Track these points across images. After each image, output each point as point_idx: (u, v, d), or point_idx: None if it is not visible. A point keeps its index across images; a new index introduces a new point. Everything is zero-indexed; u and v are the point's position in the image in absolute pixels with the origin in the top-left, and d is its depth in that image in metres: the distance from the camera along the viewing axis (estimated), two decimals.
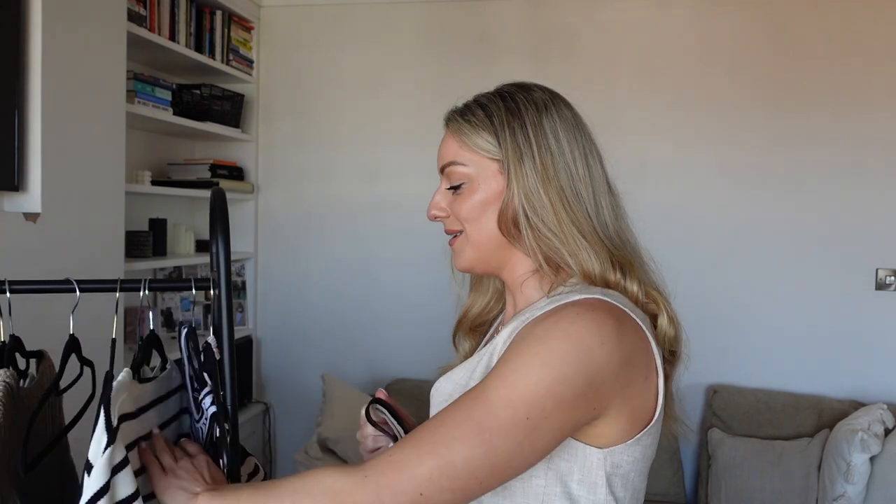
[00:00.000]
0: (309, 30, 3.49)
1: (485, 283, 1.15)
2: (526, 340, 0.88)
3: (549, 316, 0.90)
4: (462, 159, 1.01)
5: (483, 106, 1.02)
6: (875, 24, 3.04)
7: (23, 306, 1.03)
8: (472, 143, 1.00)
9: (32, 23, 1.96)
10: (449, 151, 1.03)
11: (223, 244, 0.98)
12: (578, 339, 0.85)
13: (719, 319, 3.16)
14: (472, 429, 0.83)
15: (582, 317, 0.87)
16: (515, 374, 0.85)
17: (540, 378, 0.84)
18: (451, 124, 1.04)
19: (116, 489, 0.84)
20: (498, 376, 0.86)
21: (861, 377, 3.07)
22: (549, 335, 0.86)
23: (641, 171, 3.20)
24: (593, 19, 3.24)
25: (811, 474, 2.79)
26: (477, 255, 1.03)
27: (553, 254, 0.97)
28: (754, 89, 3.14)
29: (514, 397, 0.83)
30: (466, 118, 1.02)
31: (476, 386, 0.88)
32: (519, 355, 0.87)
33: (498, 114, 1.00)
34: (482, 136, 1.00)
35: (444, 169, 1.03)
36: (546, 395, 0.83)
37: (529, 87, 1.04)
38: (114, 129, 2.37)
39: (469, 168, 1.01)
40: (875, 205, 3.06)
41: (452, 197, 1.03)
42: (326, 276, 3.50)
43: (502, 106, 1.01)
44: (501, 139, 0.99)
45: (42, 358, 1.06)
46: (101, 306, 1.02)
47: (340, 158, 3.47)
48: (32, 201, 2.00)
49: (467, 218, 1.01)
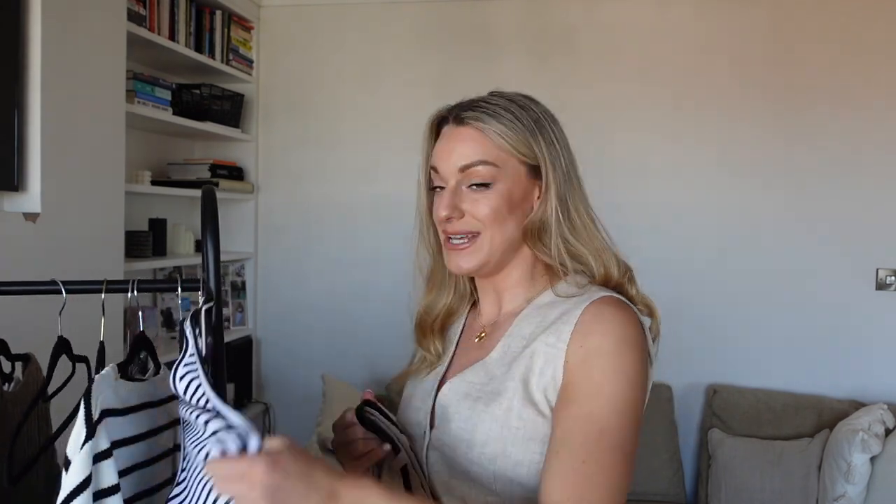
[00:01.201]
0: (309, 30, 3.49)
1: (446, 280, 1.12)
2: (603, 358, 0.92)
3: (601, 325, 0.94)
4: (492, 158, 0.99)
5: (506, 108, 1.01)
6: (875, 24, 3.04)
7: (12, 308, 1.02)
8: (509, 143, 0.99)
9: (32, 23, 1.96)
10: (476, 149, 0.99)
11: (212, 245, 0.96)
12: (636, 343, 0.94)
13: (719, 319, 3.16)
14: (622, 458, 0.89)
15: (627, 321, 0.95)
16: (620, 393, 0.91)
17: (630, 386, 0.92)
18: (474, 122, 1.00)
19: (99, 478, 0.82)
20: (607, 404, 0.90)
21: (861, 377, 3.07)
22: (619, 349, 0.93)
23: (641, 170, 3.20)
24: (593, 19, 3.24)
25: (811, 474, 2.79)
26: (490, 257, 1.02)
27: (574, 258, 1.01)
28: (754, 89, 3.14)
29: (628, 408, 0.91)
30: (496, 118, 1.00)
31: (585, 418, 0.90)
32: (606, 373, 0.92)
33: (525, 118, 1.01)
34: (519, 137, 1.00)
35: (466, 167, 0.99)
36: (643, 397, 0.94)
37: (532, 98, 1.06)
38: (114, 129, 2.37)
39: (500, 169, 0.99)
40: (875, 205, 3.06)
41: (467, 196, 1.00)
42: (326, 276, 3.50)
43: (523, 112, 1.01)
44: (536, 143, 1.01)
45: (29, 361, 1.04)
46: (97, 307, 1.01)
47: (340, 158, 3.47)
48: (32, 201, 1.99)
49: (491, 219, 0.99)
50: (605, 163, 3.16)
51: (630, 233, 3.82)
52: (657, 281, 3.68)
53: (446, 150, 1.02)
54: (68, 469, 0.81)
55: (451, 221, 1.01)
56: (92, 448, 0.82)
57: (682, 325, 3.16)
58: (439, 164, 1.02)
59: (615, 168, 3.17)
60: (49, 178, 2.01)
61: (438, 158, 1.03)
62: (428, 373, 1.12)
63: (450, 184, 1.01)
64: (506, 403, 0.96)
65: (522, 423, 0.95)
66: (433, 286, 1.13)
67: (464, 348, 1.11)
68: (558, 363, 0.95)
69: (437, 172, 1.03)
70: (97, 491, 0.82)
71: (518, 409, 0.95)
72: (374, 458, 1.01)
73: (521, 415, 0.95)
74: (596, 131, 3.16)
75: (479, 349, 1.07)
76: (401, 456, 1.00)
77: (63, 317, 0.98)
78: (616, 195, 3.14)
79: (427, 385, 1.10)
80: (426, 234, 1.10)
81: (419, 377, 1.13)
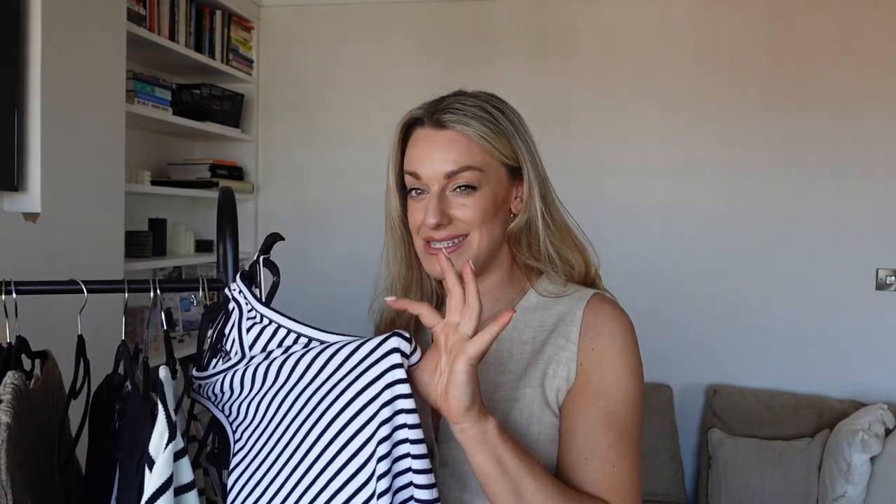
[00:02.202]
0: (309, 30, 3.49)
1: (414, 285, 1.09)
2: (613, 358, 0.96)
3: (606, 325, 0.98)
4: (478, 163, 0.98)
5: (483, 110, 0.99)
6: (874, 24, 3.04)
7: (22, 307, 1.03)
8: (493, 146, 0.98)
9: (32, 23, 1.96)
10: (461, 154, 0.97)
11: (231, 244, 0.97)
12: (634, 338, 0.99)
13: (719, 319, 3.16)
14: (639, 448, 0.96)
15: (624, 317, 1.00)
16: (632, 389, 0.96)
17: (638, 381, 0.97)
18: (456, 125, 0.98)
19: (179, 476, 0.85)
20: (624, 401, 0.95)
21: (861, 377, 3.07)
22: (626, 346, 0.97)
23: (641, 170, 3.20)
24: (593, 19, 3.24)
25: (811, 474, 2.79)
26: (476, 259, 0.99)
27: (561, 257, 1.02)
28: (754, 89, 3.14)
29: (638, 402, 0.96)
30: (478, 120, 0.98)
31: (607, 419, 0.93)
32: (619, 372, 0.96)
33: (503, 119, 1.00)
34: (501, 140, 0.99)
35: (453, 173, 0.97)
36: (642, 386, 0.99)
37: (499, 97, 1.04)
38: (114, 129, 2.37)
39: (484, 173, 0.98)
40: (875, 205, 3.06)
41: (453, 201, 0.98)
42: (326, 276, 3.50)
43: (500, 113, 1.00)
44: (515, 145, 1.00)
45: (46, 358, 1.05)
46: (98, 307, 1.01)
47: (340, 158, 3.47)
48: (32, 201, 1.99)
49: (478, 222, 0.98)
50: (604, 162, 3.16)
51: (630, 232, 3.80)
52: (657, 281, 3.68)
53: (427, 156, 0.98)
54: (152, 469, 0.82)
55: (438, 229, 0.98)
56: (174, 448, 0.84)
57: (682, 325, 3.17)
58: (420, 169, 0.99)
59: (615, 168, 3.17)
60: (49, 178, 2.01)
61: (419, 163, 0.99)
62: None
63: (433, 189, 0.98)
64: (525, 410, 0.96)
65: (542, 428, 0.95)
66: (404, 290, 1.09)
67: None
68: (571, 365, 0.96)
69: (418, 178, 0.99)
70: (177, 487, 0.85)
71: (538, 415, 0.96)
72: None
73: (540, 419, 0.96)
74: (596, 131, 3.17)
75: None
76: None
77: (64, 316, 0.98)
78: (616, 195, 3.14)
79: None
80: (397, 237, 1.08)
81: None
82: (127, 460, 0.90)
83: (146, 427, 0.85)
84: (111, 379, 1.02)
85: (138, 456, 0.85)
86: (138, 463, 0.84)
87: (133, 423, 0.90)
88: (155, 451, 0.83)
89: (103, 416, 1.01)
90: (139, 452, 0.85)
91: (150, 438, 0.83)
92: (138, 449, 0.86)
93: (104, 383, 1.02)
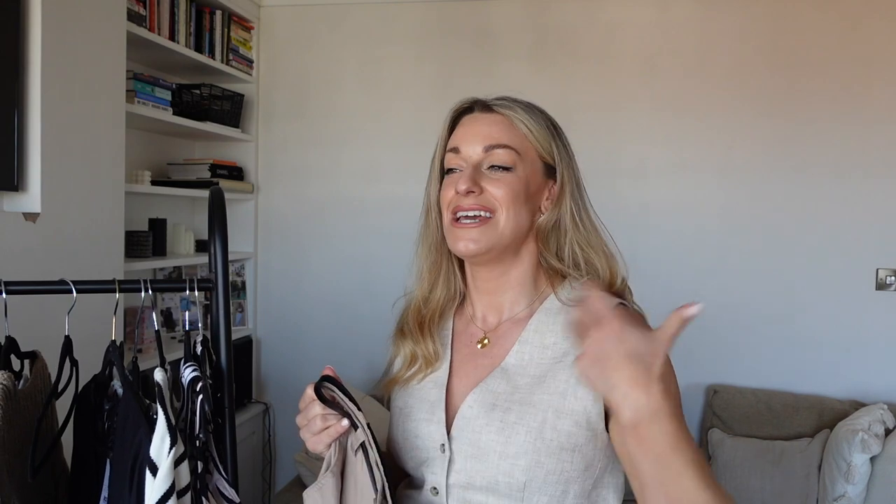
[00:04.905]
0: (309, 30, 3.49)
1: (441, 274, 1.09)
2: None
3: None
4: (516, 145, 1.03)
5: (529, 107, 1.05)
6: (874, 25, 3.04)
7: (19, 307, 1.03)
8: (534, 135, 1.03)
9: (32, 23, 1.96)
10: (502, 133, 1.03)
11: (220, 244, 0.97)
12: None
13: (719, 319, 3.16)
14: None
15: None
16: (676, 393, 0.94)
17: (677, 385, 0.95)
18: (503, 109, 1.04)
19: (179, 479, 0.86)
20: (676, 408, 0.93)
21: (861, 377, 3.07)
22: None
23: (641, 171, 3.20)
24: (594, 19, 3.24)
25: (811, 474, 2.79)
26: (499, 240, 1.01)
27: (586, 261, 1.03)
28: (754, 89, 3.14)
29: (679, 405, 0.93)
30: (525, 110, 1.04)
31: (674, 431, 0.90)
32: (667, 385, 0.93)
33: (544, 120, 1.06)
34: (542, 133, 1.04)
35: (491, 147, 1.02)
36: None
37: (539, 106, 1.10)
38: (113, 129, 2.37)
39: (521, 156, 1.03)
40: (875, 205, 3.06)
41: (486, 176, 1.01)
42: (326, 276, 3.50)
43: (542, 115, 1.06)
44: (554, 144, 1.05)
45: (35, 359, 1.05)
46: (98, 307, 1.01)
47: (340, 158, 3.47)
48: (32, 201, 2.00)
49: (509, 201, 1.01)
50: (604, 163, 3.16)
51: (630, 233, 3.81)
52: (657, 281, 3.68)
53: (471, 132, 1.04)
54: (156, 474, 0.83)
55: (468, 196, 1.00)
56: (175, 454, 0.85)
57: None
58: (462, 144, 1.04)
59: (615, 168, 3.17)
60: (49, 178, 2.02)
61: (462, 139, 1.04)
62: (422, 379, 1.08)
63: (471, 161, 1.02)
64: (540, 416, 0.97)
65: (556, 435, 0.96)
66: (432, 278, 1.09)
67: (464, 353, 1.08)
68: None
69: (458, 153, 1.04)
70: (178, 490, 0.86)
71: (553, 422, 0.96)
72: (333, 434, 0.96)
73: (555, 426, 0.96)
74: (596, 131, 3.17)
75: (485, 356, 1.05)
76: (358, 433, 0.98)
77: (61, 318, 0.98)
78: (616, 195, 3.15)
79: (430, 395, 1.06)
80: (432, 221, 1.08)
81: (411, 385, 1.09)
82: (119, 460, 0.90)
83: (139, 427, 0.84)
84: (97, 378, 1.02)
85: (132, 457, 0.84)
86: (132, 464, 0.84)
87: (125, 424, 0.90)
88: (157, 455, 0.83)
89: (90, 416, 1.00)
90: (132, 453, 0.84)
91: (146, 440, 0.83)
92: (131, 449, 0.86)
93: (90, 382, 1.02)
